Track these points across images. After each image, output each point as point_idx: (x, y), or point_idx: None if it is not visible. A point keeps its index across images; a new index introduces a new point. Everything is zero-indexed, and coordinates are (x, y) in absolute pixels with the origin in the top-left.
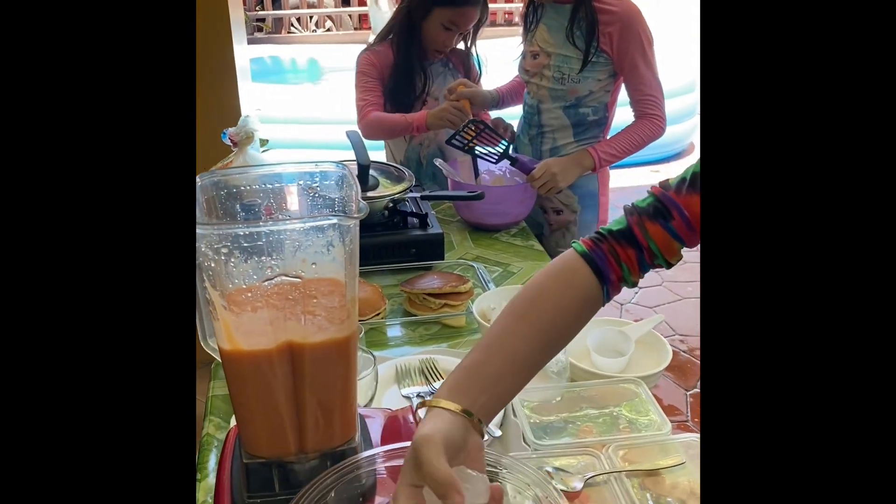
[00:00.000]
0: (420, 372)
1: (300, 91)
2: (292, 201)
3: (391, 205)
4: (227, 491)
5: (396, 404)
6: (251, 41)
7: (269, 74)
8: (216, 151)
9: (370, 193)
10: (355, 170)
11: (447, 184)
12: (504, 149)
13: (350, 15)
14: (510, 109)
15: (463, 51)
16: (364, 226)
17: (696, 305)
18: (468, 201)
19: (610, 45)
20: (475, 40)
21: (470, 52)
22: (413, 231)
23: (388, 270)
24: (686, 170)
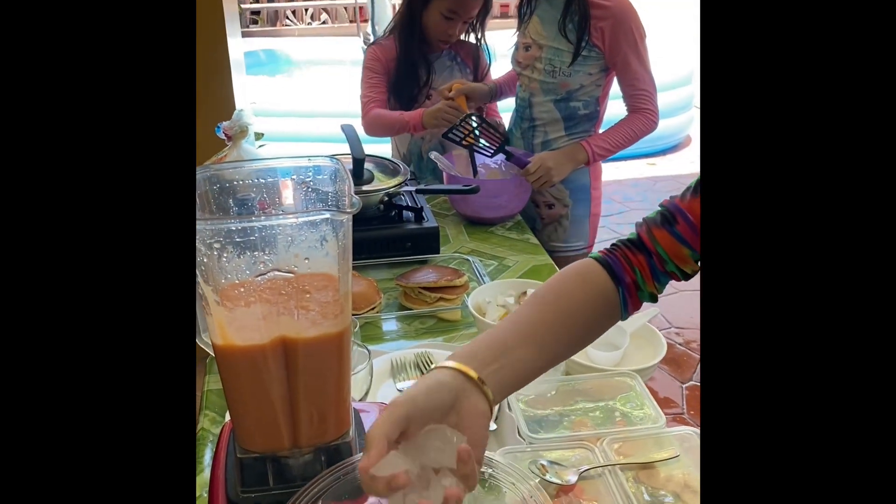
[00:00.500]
0: (415, 366)
1: (295, 84)
2: (286, 196)
3: (386, 199)
4: (222, 485)
5: (391, 398)
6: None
7: (264, 67)
8: (210, 145)
9: (365, 187)
10: (350, 164)
11: (444, 178)
12: (500, 143)
13: (346, 7)
14: (504, 102)
15: (471, 43)
16: (359, 220)
17: (692, 298)
18: (463, 195)
19: (602, 40)
20: (483, 31)
21: (479, 45)
22: (408, 225)
23: (384, 264)
24: (694, 181)
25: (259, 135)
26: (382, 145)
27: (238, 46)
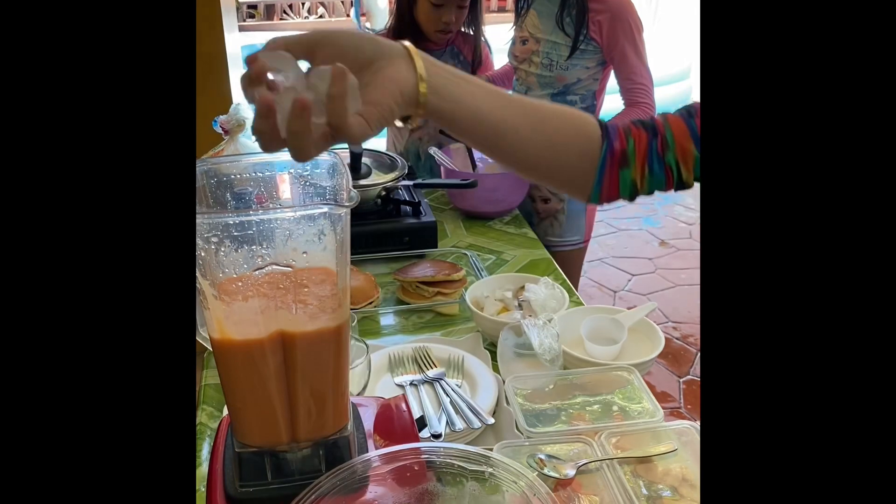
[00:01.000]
0: (413, 360)
1: None
2: (284, 190)
3: (384, 193)
4: (220, 479)
5: (390, 393)
6: (242, 28)
7: None
8: (207, 139)
9: (363, 182)
10: (347, 158)
11: (441, 175)
12: None
13: (342, 1)
14: None
15: (470, 35)
16: (357, 214)
17: (689, 293)
18: (461, 189)
19: (599, 34)
20: (479, 21)
21: (477, 36)
22: (406, 219)
23: (381, 259)
24: None
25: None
26: (379, 140)
27: (235, 41)
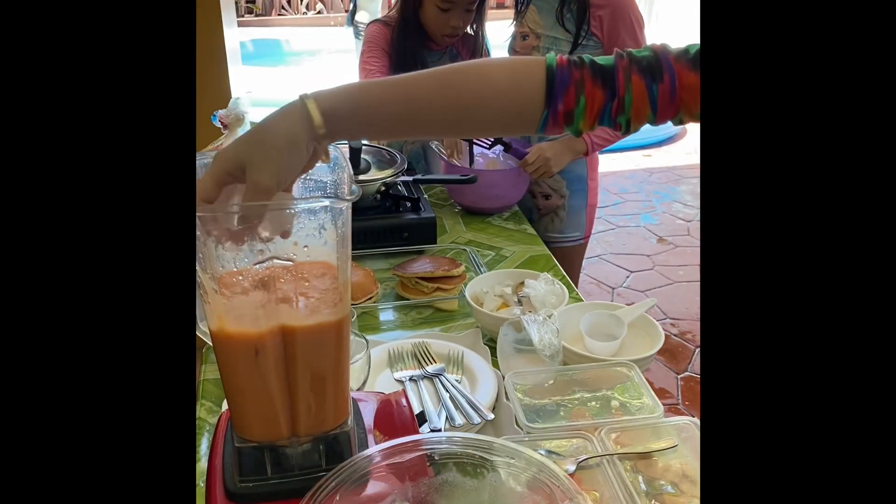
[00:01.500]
0: (412, 356)
1: (290, 73)
2: None
3: (383, 188)
4: (219, 475)
5: (389, 388)
6: (241, 23)
7: (259, 56)
8: (206, 134)
9: (362, 177)
10: (346, 153)
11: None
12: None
13: None
14: None
15: (470, 35)
16: (356, 209)
17: (688, 289)
18: (461, 185)
19: (600, 29)
20: (481, 21)
21: (477, 36)
22: (406, 215)
23: (381, 254)
24: (691, 45)
25: (255, 123)
26: None
27: (234, 35)
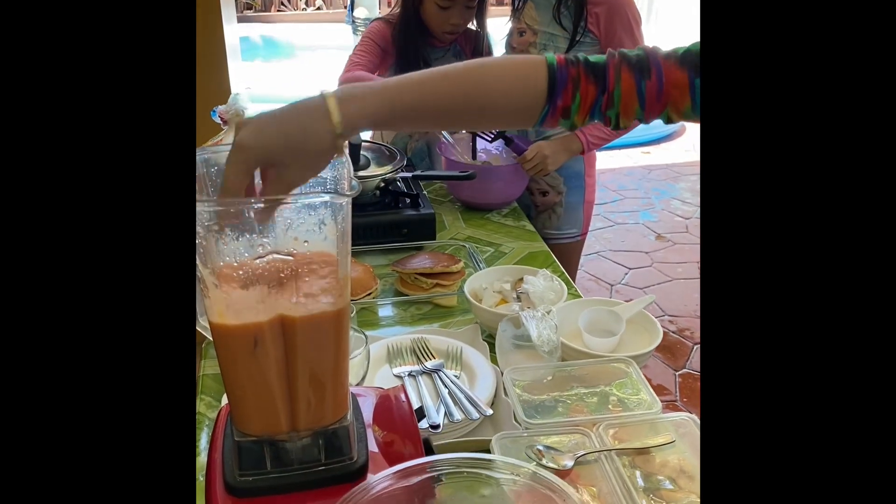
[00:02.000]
0: (411, 351)
1: (290, 69)
2: None
3: (383, 184)
4: (219, 469)
5: (388, 384)
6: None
7: (259, 52)
8: (206, 129)
9: (361, 173)
10: (346, 149)
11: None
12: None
13: None
14: None
15: (472, 32)
16: (355, 205)
17: (686, 286)
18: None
19: (597, 26)
20: (483, 18)
21: (479, 33)
22: (405, 211)
23: (380, 250)
24: (680, 46)
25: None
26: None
27: (233, 31)
